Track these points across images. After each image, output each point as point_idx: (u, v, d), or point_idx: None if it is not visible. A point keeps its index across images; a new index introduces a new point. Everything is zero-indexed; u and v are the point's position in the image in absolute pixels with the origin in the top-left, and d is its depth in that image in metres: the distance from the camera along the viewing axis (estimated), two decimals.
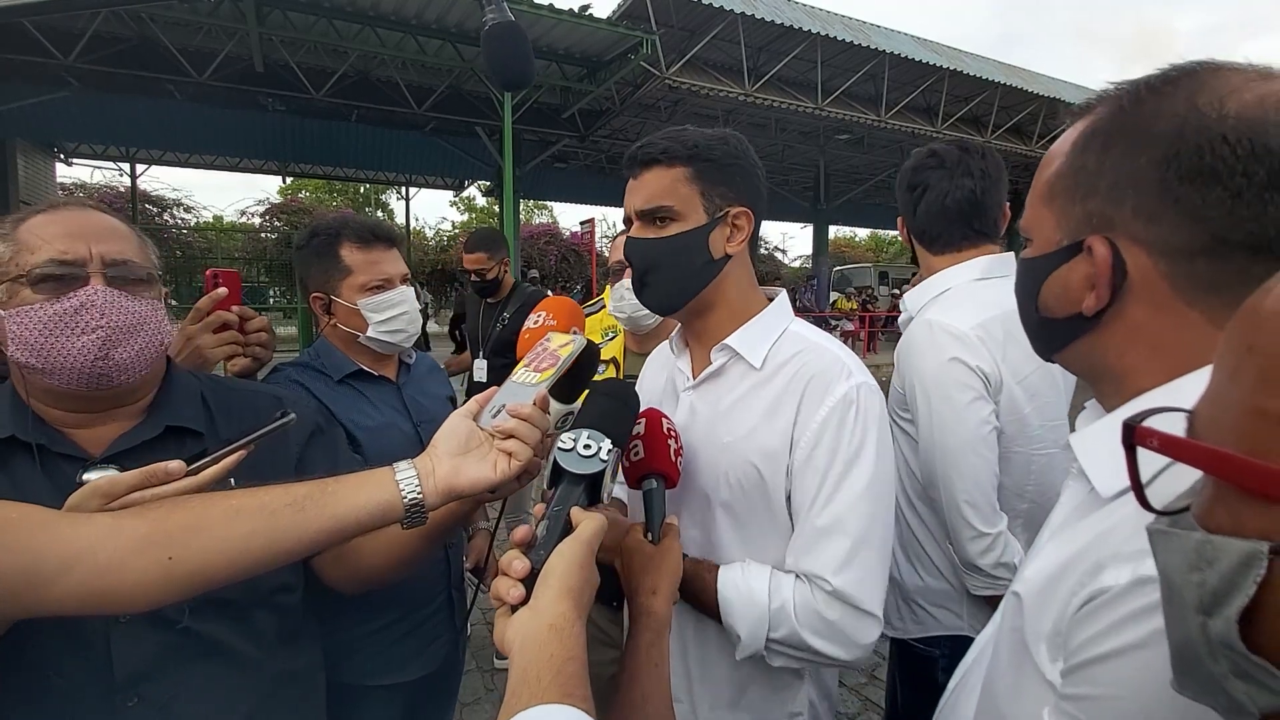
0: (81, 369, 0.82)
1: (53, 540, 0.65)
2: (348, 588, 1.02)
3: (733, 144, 0.98)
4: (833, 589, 0.87)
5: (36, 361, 0.80)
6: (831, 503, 0.89)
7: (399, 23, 8.52)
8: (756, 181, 0.99)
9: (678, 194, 0.95)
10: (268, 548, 0.71)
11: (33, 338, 0.80)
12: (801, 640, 0.88)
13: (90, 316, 0.82)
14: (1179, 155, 0.48)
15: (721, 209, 0.96)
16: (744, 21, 9.54)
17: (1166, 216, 0.49)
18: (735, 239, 0.97)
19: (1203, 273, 0.49)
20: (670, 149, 0.95)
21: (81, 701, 0.79)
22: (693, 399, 1.04)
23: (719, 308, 1.00)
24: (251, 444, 0.82)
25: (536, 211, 30.19)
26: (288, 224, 18.06)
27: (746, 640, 0.90)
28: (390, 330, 1.43)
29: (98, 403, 0.87)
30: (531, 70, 1.02)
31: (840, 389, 0.91)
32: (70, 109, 10.30)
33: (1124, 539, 0.46)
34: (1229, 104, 0.47)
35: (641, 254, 0.99)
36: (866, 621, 0.88)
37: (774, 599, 0.89)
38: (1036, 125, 13.82)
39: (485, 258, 3.11)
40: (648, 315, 1.71)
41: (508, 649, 0.60)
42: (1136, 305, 0.52)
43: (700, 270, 0.96)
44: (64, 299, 0.81)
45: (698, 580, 0.92)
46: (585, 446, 0.76)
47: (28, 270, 0.80)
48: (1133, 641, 0.42)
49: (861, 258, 32.09)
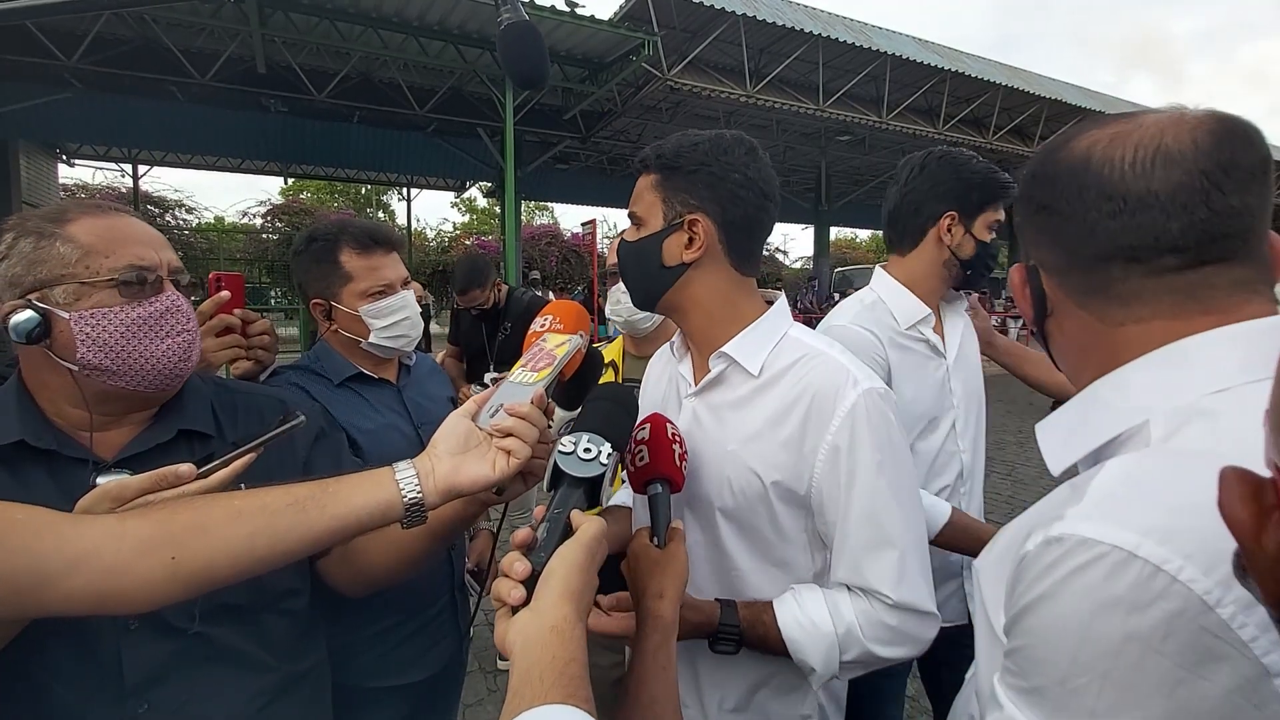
0: (162, 371, 0.85)
1: (58, 541, 0.66)
2: (353, 589, 1.02)
3: (704, 149, 0.95)
4: (894, 602, 0.88)
5: (111, 363, 0.82)
6: (868, 516, 0.89)
7: (401, 24, 8.53)
8: (732, 187, 0.94)
9: (643, 200, 0.99)
10: (270, 547, 0.71)
11: (113, 340, 0.81)
12: (872, 654, 0.89)
13: (177, 320, 0.87)
14: (1029, 198, 0.64)
15: (679, 215, 0.96)
16: (745, 23, 9.54)
17: (1042, 243, 0.63)
18: (693, 246, 0.95)
19: (1077, 282, 0.61)
20: (648, 156, 0.99)
21: (91, 710, 0.79)
22: (695, 405, 1.04)
23: (694, 313, 1.00)
24: (261, 447, 0.82)
25: (538, 213, 30.22)
26: (289, 225, 18.04)
27: (822, 671, 0.90)
28: (393, 336, 1.42)
29: (133, 405, 0.88)
30: (547, 69, 1.03)
31: (848, 400, 0.91)
32: (72, 110, 10.30)
33: (1048, 509, 0.51)
34: (1066, 151, 0.60)
35: (620, 254, 1.07)
36: (928, 620, 0.91)
37: (838, 624, 0.90)
38: (1038, 127, 13.80)
39: (479, 293, 3.15)
40: (644, 318, 1.71)
41: (509, 650, 0.60)
42: (1058, 313, 0.65)
43: (656, 275, 0.98)
44: (147, 303, 0.84)
45: (760, 625, 0.92)
46: (585, 450, 0.76)
47: (110, 274, 0.81)
48: (1040, 593, 0.47)
49: (863, 259, 32.06)
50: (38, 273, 0.80)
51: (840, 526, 0.91)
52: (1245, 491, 0.27)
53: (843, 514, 0.91)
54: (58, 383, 0.83)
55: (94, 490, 0.72)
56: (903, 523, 0.90)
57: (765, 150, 1.00)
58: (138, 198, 15.58)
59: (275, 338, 1.31)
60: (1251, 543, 0.27)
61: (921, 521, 0.94)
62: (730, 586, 0.99)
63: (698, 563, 1.01)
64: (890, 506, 0.89)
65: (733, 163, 0.95)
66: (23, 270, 0.79)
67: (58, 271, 0.80)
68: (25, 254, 0.80)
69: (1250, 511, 0.27)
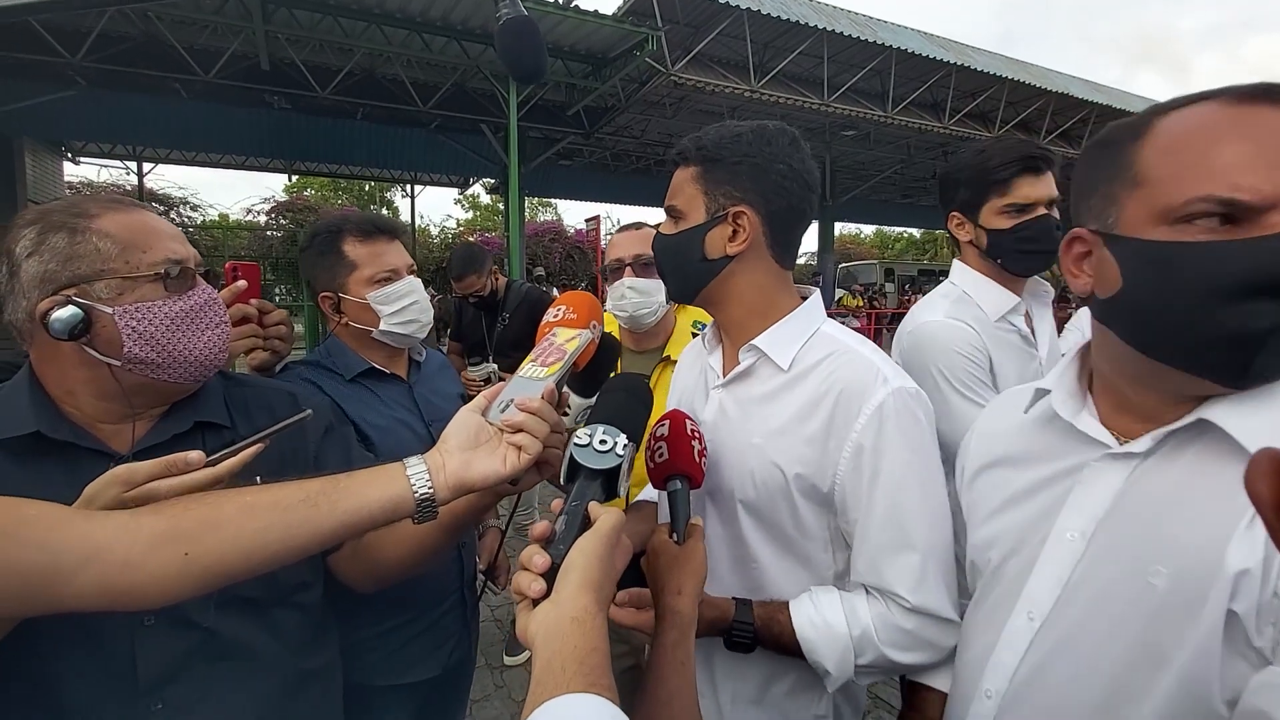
0: (203, 362, 0.87)
1: (71, 536, 0.65)
2: (364, 584, 1.01)
3: (747, 141, 0.94)
4: (912, 606, 0.87)
5: (157, 356, 0.82)
6: (890, 517, 0.88)
7: (404, 20, 8.52)
8: (777, 179, 0.94)
9: (684, 193, 0.98)
10: (283, 542, 0.71)
11: (159, 333, 0.82)
12: (887, 659, 0.88)
13: (215, 312, 0.89)
14: None
15: (723, 208, 0.94)
16: (750, 17, 9.50)
17: None
18: (737, 239, 0.95)
19: None
20: (686, 148, 0.98)
21: (106, 708, 0.78)
22: (722, 397, 1.04)
23: (732, 305, 1.00)
24: (268, 438, 0.82)
25: (541, 209, 30.21)
26: (293, 222, 18.11)
27: (836, 673, 0.90)
28: (403, 321, 1.42)
29: (162, 398, 0.88)
30: (545, 63, 1.04)
31: (876, 398, 0.89)
32: (77, 107, 10.32)
33: None
34: None
35: (657, 248, 1.04)
36: (947, 627, 0.89)
37: (854, 626, 0.89)
38: (1045, 120, 13.73)
39: (475, 279, 3.14)
40: (649, 313, 1.71)
41: (530, 642, 0.60)
42: None
43: (698, 269, 0.97)
44: (186, 296, 0.85)
45: (775, 625, 0.92)
46: (601, 442, 0.76)
47: (150, 268, 0.82)
48: None
49: (867, 254, 32.00)
50: (75, 268, 0.79)
51: (862, 525, 0.90)
52: (1272, 469, 0.28)
53: (865, 513, 0.89)
54: (85, 377, 0.82)
55: (103, 475, 0.72)
56: (927, 526, 0.89)
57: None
58: (143, 195, 15.62)
59: (291, 328, 1.31)
60: (1274, 518, 0.28)
61: (947, 526, 0.92)
62: (750, 580, 0.99)
63: (718, 555, 1.00)
64: (914, 509, 0.88)
65: (776, 154, 0.94)
66: (58, 266, 0.79)
67: (98, 267, 0.79)
68: (60, 249, 0.79)
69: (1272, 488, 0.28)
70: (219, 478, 0.75)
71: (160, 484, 0.72)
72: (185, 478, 0.73)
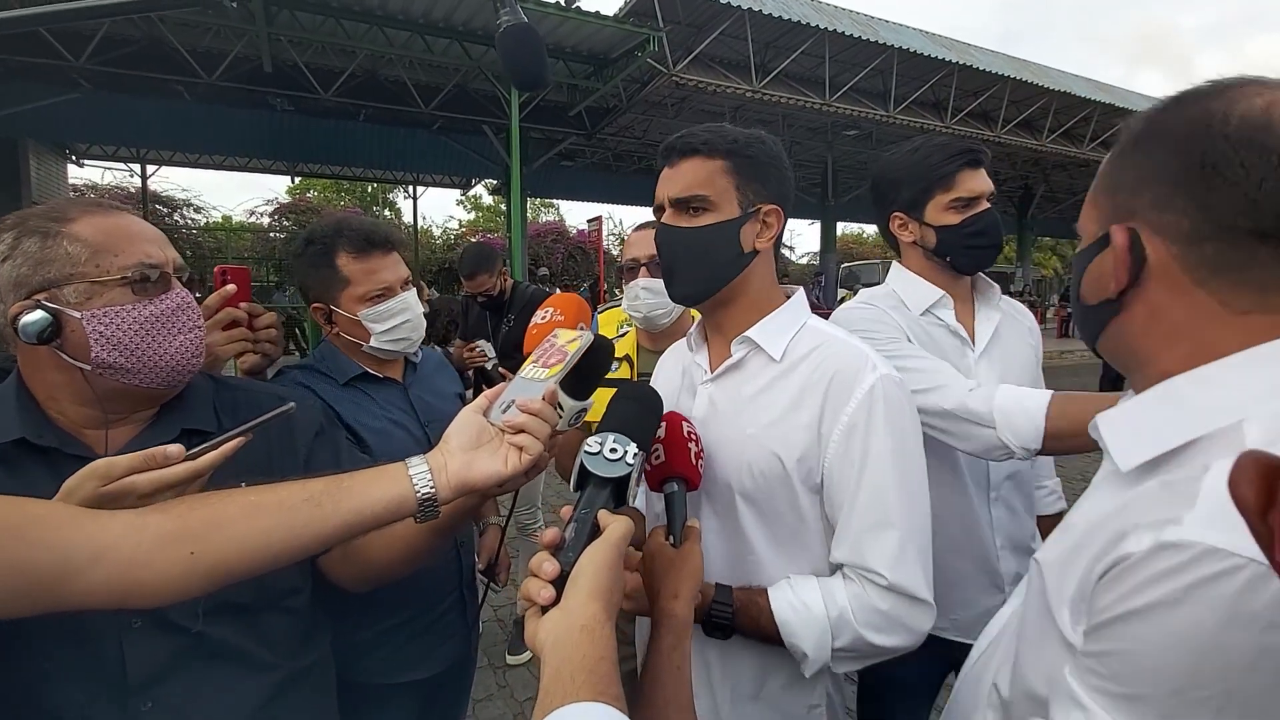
0: (175, 367, 0.85)
1: (79, 535, 0.66)
2: (355, 585, 1.01)
3: (770, 144, 1.01)
4: (889, 583, 0.88)
5: (126, 361, 0.82)
6: (875, 497, 0.90)
7: (407, 22, 8.55)
8: (788, 183, 1.02)
9: (715, 185, 0.97)
10: (287, 542, 0.71)
11: (127, 338, 0.81)
12: (864, 640, 0.89)
13: (189, 317, 0.87)
14: (1188, 152, 0.54)
15: (754, 204, 0.98)
16: (751, 17, 9.50)
17: (1176, 205, 0.55)
18: (765, 235, 1.00)
19: (1210, 257, 0.54)
20: (712, 141, 0.98)
21: (95, 709, 0.78)
22: (711, 391, 1.05)
23: (741, 300, 1.02)
24: (249, 431, 0.81)
25: (543, 210, 30.23)
26: (296, 223, 18.17)
27: (814, 656, 0.90)
28: (393, 339, 1.41)
29: (139, 403, 0.87)
30: (546, 70, 1.03)
31: (866, 381, 0.92)
32: (81, 110, 10.37)
33: (1144, 509, 0.49)
34: (1237, 108, 0.52)
35: (674, 241, 1.01)
36: (921, 608, 0.90)
37: (831, 608, 0.90)
38: (1047, 119, 13.70)
39: (486, 278, 3.15)
40: (664, 314, 1.70)
41: (539, 650, 0.60)
42: (1155, 288, 0.57)
43: (730, 262, 0.99)
44: (158, 300, 0.84)
45: (752, 607, 0.92)
46: (611, 450, 0.76)
47: (120, 272, 0.81)
48: (1153, 600, 0.45)
49: (870, 254, 31.94)
50: (45, 272, 0.79)
51: (847, 507, 0.91)
52: (1257, 473, 0.27)
53: (851, 494, 0.91)
54: (62, 381, 0.82)
55: (82, 469, 0.71)
56: (908, 507, 0.90)
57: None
58: (146, 197, 15.69)
59: (281, 331, 1.31)
60: (1258, 522, 0.27)
61: (926, 511, 0.94)
62: (747, 573, 0.98)
63: (714, 550, 1.01)
64: (898, 490, 0.90)
65: (786, 160, 1.03)
66: (29, 270, 0.79)
67: (67, 271, 0.79)
68: (31, 254, 0.79)
69: (1256, 491, 0.27)
70: (199, 472, 0.75)
71: (139, 478, 0.72)
72: (164, 472, 0.73)
